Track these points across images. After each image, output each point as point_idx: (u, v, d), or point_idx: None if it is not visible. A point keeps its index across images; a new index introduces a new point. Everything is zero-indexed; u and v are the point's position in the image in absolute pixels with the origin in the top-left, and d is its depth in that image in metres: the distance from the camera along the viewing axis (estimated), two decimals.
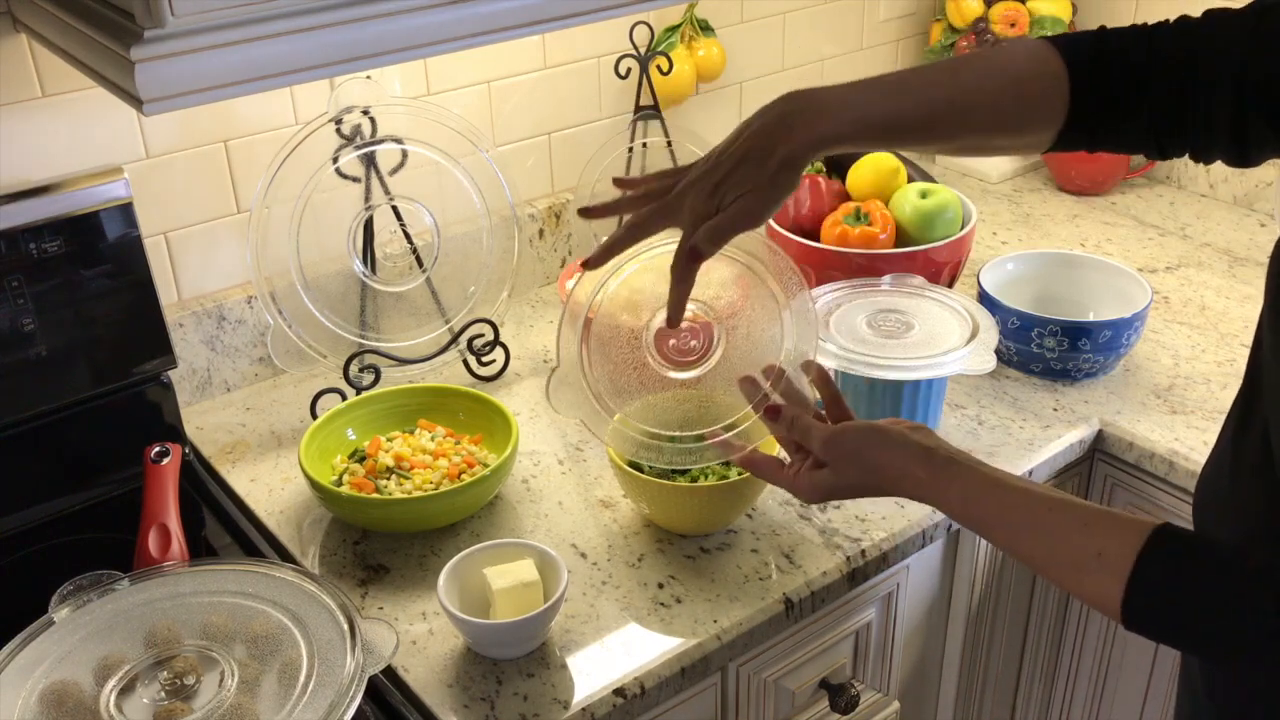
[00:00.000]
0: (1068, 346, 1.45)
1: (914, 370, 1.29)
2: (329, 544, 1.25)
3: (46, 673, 0.95)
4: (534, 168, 1.70)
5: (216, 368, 1.48)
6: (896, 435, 1.01)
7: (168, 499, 1.19)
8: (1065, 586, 0.93)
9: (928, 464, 0.98)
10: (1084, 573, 0.88)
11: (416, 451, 1.28)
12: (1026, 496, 0.94)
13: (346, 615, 0.99)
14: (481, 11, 1.07)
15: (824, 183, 1.64)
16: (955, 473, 0.97)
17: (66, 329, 1.25)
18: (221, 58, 0.95)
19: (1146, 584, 0.84)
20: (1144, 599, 0.85)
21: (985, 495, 0.95)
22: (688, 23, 1.74)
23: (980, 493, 0.95)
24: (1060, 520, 0.90)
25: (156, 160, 1.38)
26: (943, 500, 0.98)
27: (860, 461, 1.02)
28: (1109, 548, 0.87)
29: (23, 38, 1.24)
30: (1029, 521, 0.92)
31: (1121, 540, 0.86)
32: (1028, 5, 1.96)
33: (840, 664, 1.29)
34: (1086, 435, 1.41)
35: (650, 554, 1.21)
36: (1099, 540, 0.88)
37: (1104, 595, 0.86)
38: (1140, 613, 0.85)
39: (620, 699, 1.05)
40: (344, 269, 1.42)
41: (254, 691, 0.94)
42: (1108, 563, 0.86)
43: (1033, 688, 1.60)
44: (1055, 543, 0.90)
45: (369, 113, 1.38)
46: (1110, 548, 0.86)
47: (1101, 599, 0.87)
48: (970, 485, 0.96)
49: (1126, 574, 0.85)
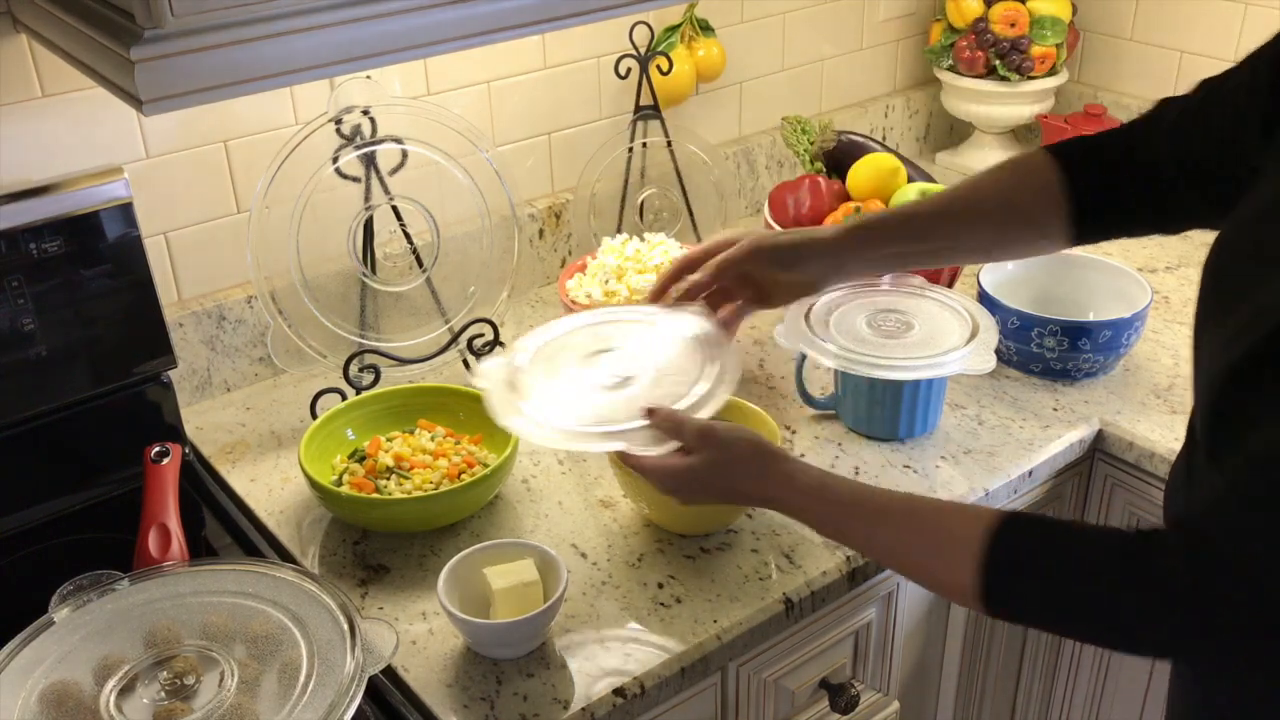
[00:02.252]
0: (1068, 346, 1.45)
1: (914, 370, 1.29)
2: (329, 544, 1.25)
3: (46, 673, 0.95)
4: (534, 168, 1.70)
5: (216, 368, 1.48)
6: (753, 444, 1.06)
7: (168, 499, 1.19)
8: (921, 576, 0.98)
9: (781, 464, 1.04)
10: (939, 557, 0.91)
11: (416, 451, 1.28)
12: (881, 492, 1.00)
13: (346, 615, 0.99)
14: (481, 11, 1.07)
15: (824, 183, 1.64)
16: (792, 471, 1.03)
17: (66, 329, 1.25)
18: (221, 58, 0.94)
19: (999, 564, 0.87)
20: (999, 578, 0.87)
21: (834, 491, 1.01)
22: (688, 23, 1.74)
23: (823, 490, 1.01)
24: (915, 510, 0.95)
25: (156, 160, 1.38)
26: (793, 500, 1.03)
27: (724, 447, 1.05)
28: (961, 530, 0.90)
29: (23, 38, 1.24)
30: (882, 515, 0.97)
31: (974, 523, 0.89)
32: (1028, 5, 1.96)
33: (840, 664, 1.29)
34: (1086, 435, 1.41)
35: (650, 554, 1.21)
36: (950, 524, 0.91)
37: (959, 579, 0.89)
38: (998, 594, 0.88)
39: (620, 699, 1.05)
40: (344, 269, 1.42)
41: (254, 691, 0.94)
42: (961, 544, 0.88)
43: (1033, 688, 1.60)
44: (911, 532, 0.94)
45: (369, 113, 1.38)
46: (961, 530, 0.90)
47: (958, 584, 0.89)
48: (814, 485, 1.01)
49: (980, 555, 0.87)
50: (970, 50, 1.97)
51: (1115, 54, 2.07)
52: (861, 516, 0.99)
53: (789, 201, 1.63)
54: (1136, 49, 2.03)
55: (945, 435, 1.39)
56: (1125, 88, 2.06)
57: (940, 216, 1.16)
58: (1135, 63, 2.04)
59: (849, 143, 1.70)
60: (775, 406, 1.45)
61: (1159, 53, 2.00)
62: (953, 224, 1.16)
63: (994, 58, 1.97)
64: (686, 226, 1.75)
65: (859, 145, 1.70)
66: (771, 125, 1.93)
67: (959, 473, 1.32)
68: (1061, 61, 1.99)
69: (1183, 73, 1.97)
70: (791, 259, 1.16)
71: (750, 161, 1.92)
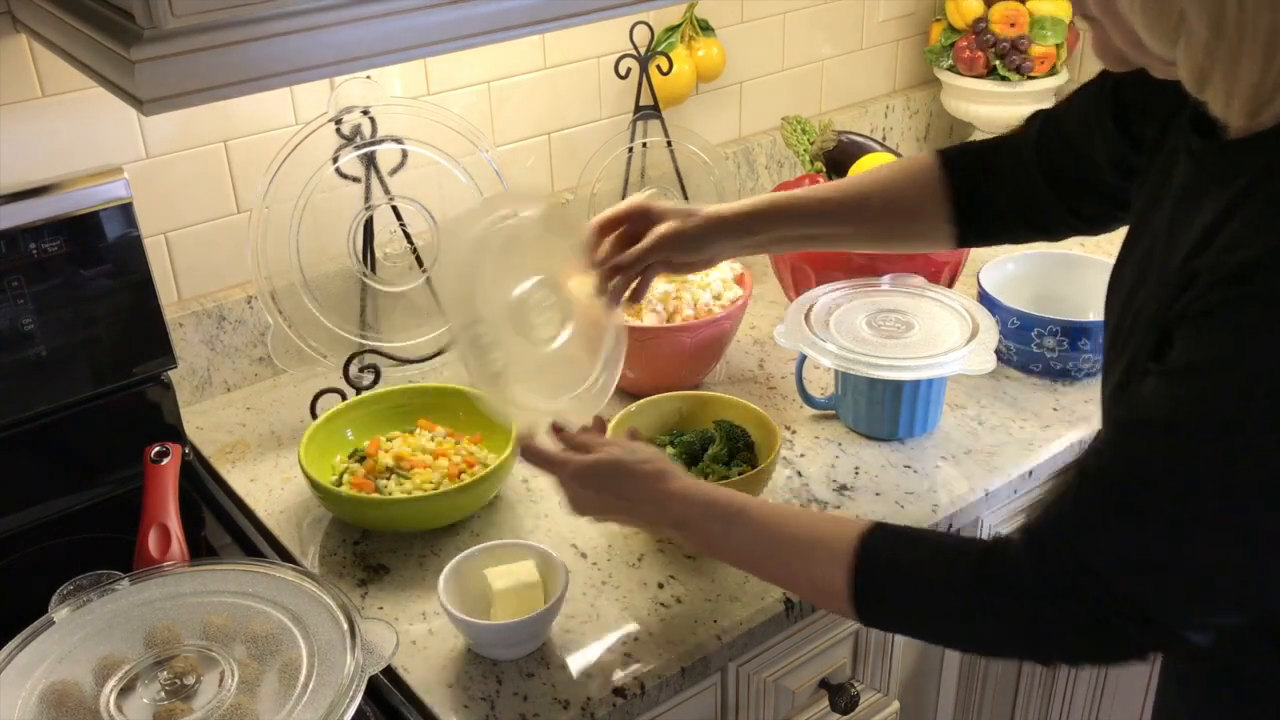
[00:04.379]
0: (1068, 346, 1.45)
1: (914, 370, 1.29)
2: (329, 544, 1.25)
3: (46, 673, 0.95)
4: (534, 168, 1.70)
5: (216, 368, 1.48)
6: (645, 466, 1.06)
7: (168, 499, 1.19)
8: (795, 585, 1.01)
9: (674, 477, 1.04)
10: (812, 565, 0.93)
11: (416, 451, 1.28)
12: (757, 503, 1.01)
13: (346, 615, 0.99)
14: (481, 11, 1.07)
15: (824, 183, 1.64)
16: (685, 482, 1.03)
17: (66, 329, 1.25)
18: (221, 58, 0.94)
19: (868, 571, 0.90)
20: (868, 585, 0.90)
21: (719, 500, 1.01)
22: (688, 23, 1.74)
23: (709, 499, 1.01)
24: (790, 524, 0.97)
25: (156, 160, 1.38)
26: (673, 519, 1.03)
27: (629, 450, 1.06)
28: (832, 539, 0.92)
29: (23, 38, 1.24)
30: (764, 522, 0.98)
31: (844, 532, 0.92)
32: (1027, 5, 1.96)
33: (840, 664, 1.29)
34: (1086, 435, 1.40)
35: (650, 554, 1.21)
36: (824, 530, 0.94)
37: (831, 585, 0.91)
38: (868, 602, 0.91)
39: (620, 699, 1.05)
40: (344, 269, 1.42)
41: (254, 691, 0.94)
42: (833, 552, 0.91)
43: (1033, 688, 1.60)
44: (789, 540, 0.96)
45: (369, 113, 1.38)
46: (833, 539, 0.92)
47: (830, 591, 0.92)
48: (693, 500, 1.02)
49: (850, 562, 0.90)
50: (970, 50, 1.97)
51: None
52: (743, 526, 0.99)
53: None
54: None
55: (945, 435, 1.39)
56: None
57: (841, 205, 1.20)
58: None
59: (849, 143, 1.70)
60: (775, 406, 1.45)
61: None
62: (853, 214, 1.21)
63: (994, 58, 1.97)
64: None
65: (859, 145, 1.70)
66: (771, 125, 1.93)
67: (959, 473, 1.32)
68: (1061, 61, 1.99)
69: None
70: (698, 245, 1.18)
71: (750, 161, 1.92)
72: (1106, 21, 0.80)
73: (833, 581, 0.91)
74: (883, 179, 1.21)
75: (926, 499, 1.28)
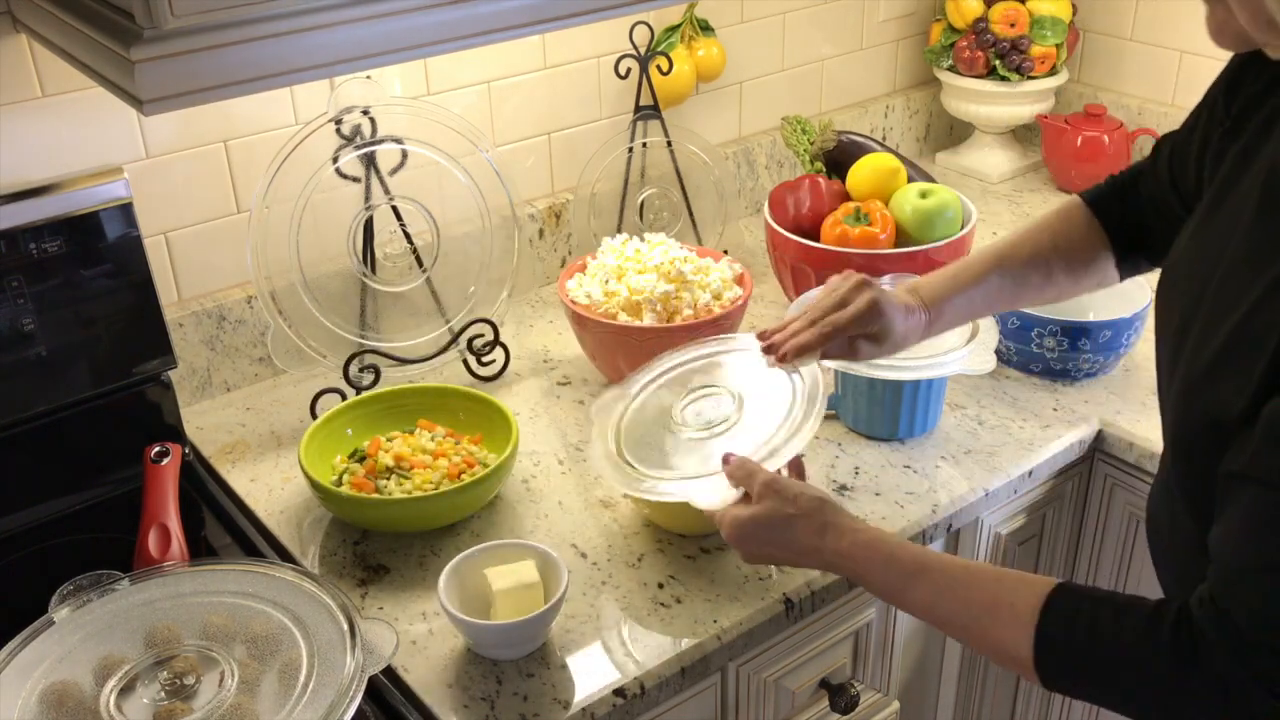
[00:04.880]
0: (1068, 346, 1.45)
1: (914, 370, 1.29)
2: (329, 544, 1.25)
3: (46, 673, 0.95)
4: (534, 168, 1.70)
5: (216, 368, 1.48)
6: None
7: (168, 499, 1.20)
8: (979, 648, 1.00)
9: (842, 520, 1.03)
10: (995, 629, 0.93)
11: (416, 451, 1.28)
12: (939, 557, 0.99)
13: (346, 615, 0.99)
14: (481, 11, 1.07)
15: (824, 183, 1.64)
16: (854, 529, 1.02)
17: (66, 329, 1.25)
18: (221, 58, 0.95)
19: (1050, 639, 0.89)
20: (1050, 653, 0.89)
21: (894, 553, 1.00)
22: (688, 23, 1.74)
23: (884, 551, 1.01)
24: (973, 583, 0.96)
25: (156, 160, 1.38)
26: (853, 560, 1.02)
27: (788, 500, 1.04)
28: (1014, 603, 0.92)
29: (23, 38, 1.24)
30: (946, 583, 0.97)
31: (1026, 597, 0.91)
32: (1027, 5, 1.96)
33: (840, 664, 1.29)
34: (1086, 435, 1.41)
35: (650, 554, 1.21)
36: (1007, 591, 0.93)
37: (1016, 653, 0.91)
38: (1050, 667, 0.90)
39: (620, 699, 1.05)
40: (344, 269, 1.42)
41: (254, 691, 0.94)
42: (1017, 618, 0.91)
43: (1033, 688, 1.60)
44: (972, 603, 0.95)
45: (369, 113, 1.38)
46: (1015, 603, 0.91)
47: (1014, 659, 0.92)
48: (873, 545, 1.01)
49: (1032, 634, 0.89)
50: (970, 50, 1.97)
51: (1115, 54, 2.07)
52: (926, 582, 0.98)
53: (789, 202, 1.63)
54: (1136, 49, 2.03)
55: (945, 435, 1.39)
56: (1125, 88, 2.06)
57: (1026, 266, 1.19)
58: (1135, 63, 2.04)
59: (849, 143, 1.70)
60: None
61: (1159, 53, 1.99)
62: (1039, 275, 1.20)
63: (994, 58, 1.97)
64: (686, 226, 1.75)
65: (859, 145, 1.70)
66: (771, 125, 1.93)
67: (959, 473, 1.32)
68: (1061, 61, 1.99)
69: (1183, 73, 1.97)
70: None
71: (750, 161, 1.92)
72: (1235, 2, 0.80)
73: (1016, 649, 0.91)
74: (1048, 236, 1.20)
75: (926, 499, 1.28)
